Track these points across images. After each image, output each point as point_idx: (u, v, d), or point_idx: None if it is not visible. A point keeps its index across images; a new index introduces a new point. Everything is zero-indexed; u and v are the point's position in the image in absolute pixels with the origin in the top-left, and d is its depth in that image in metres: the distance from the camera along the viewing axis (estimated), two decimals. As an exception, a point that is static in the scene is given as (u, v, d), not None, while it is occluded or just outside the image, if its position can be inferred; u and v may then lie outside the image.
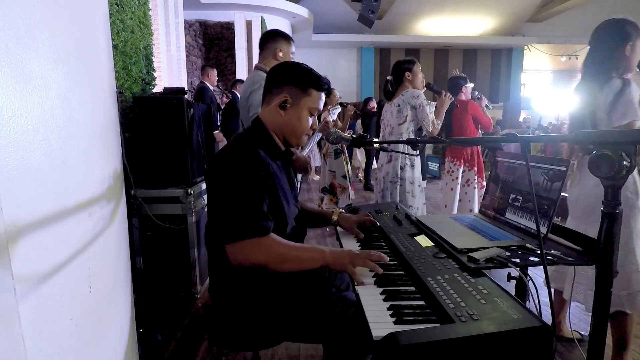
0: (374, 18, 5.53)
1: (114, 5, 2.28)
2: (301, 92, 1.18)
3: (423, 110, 2.39)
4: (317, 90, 1.20)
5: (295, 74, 1.19)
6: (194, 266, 2.37)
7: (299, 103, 1.18)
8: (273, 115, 1.19)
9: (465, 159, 3.30)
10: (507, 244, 1.09)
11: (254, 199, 1.05)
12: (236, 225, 1.03)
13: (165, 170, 2.32)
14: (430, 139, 2.28)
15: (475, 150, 3.30)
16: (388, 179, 2.51)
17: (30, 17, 0.79)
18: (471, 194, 3.30)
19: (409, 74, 2.50)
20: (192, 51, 6.54)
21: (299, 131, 1.21)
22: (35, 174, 0.80)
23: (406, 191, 2.47)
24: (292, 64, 1.23)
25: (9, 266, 0.71)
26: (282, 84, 1.18)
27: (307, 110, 1.20)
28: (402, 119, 2.47)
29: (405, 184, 2.47)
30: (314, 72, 1.20)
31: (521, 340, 0.69)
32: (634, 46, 1.58)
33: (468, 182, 3.30)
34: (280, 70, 1.22)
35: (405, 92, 2.47)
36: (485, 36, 12.16)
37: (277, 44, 2.10)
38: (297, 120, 1.19)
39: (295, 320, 1.11)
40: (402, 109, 2.47)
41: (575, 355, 1.83)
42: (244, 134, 1.20)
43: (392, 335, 0.69)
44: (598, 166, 0.64)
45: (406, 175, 2.47)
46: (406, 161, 2.48)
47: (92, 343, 1.02)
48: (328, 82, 1.23)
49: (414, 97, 2.42)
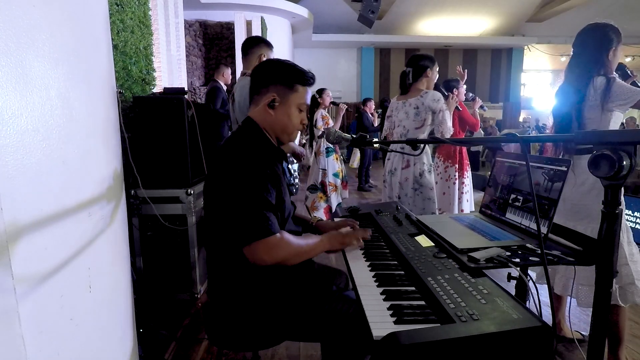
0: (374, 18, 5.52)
1: (114, 5, 2.28)
2: (288, 89, 1.18)
3: (443, 116, 2.26)
4: (303, 86, 1.20)
5: (280, 71, 1.19)
6: (194, 266, 2.37)
7: (287, 100, 1.19)
8: (263, 114, 1.19)
9: (447, 156, 3.37)
10: (507, 244, 1.09)
11: (265, 197, 1.06)
12: (253, 226, 1.03)
13: (165, 170, 2.32)
14: (430, 139, 2.26)
15: (457, 148, 3.35)
16: (409, 186, 2.37)
17: (30, 17, 0.79)
18: (452, 190, 3.34)
19: (430, 71, 2.34)
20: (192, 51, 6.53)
21: (290, 128, 1.22)
22: (35, 174, 0.80)
23: (427, 198, 2.34)
24: (275, 62, 1.23)
25: (9, 266, 0.71)
26: (268, 84, 1.18)
27: (296, 106, 1.20)
28: (420, 122, 2.32)
29: (425, 190, 2.34)
30: (298, 68, 1.21)
31: (521, 340, 0.69)
32: (615, 51, 1.65)
33: (449, 179, 3.36)
34: (265, 70, 1.21)
35: (425, 93, 2.31)
36: (485, 36, 12.18)
37: (260, 50, 2.27)
38: (287, 117, 1.20)
39: (295, 318, 1.11)
40: (420, 112, 2.31)
41: (576, 355, 1.83)
42: (239, 134, 1.20)
43: (393, 335, 0.69)
44: (598, 166, 0.64)
45: (425, 182, 2.34)
46: (424, 167, 2.34)
47: (92, 343, 1.02)
48: (313, 76, 1.23)
49: (434, 101, 2.27)
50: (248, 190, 1.05)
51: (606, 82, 1.59)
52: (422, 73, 2.34)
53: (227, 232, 1.09)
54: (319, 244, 1.15)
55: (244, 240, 1.03)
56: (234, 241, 1.06)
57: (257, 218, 1.03)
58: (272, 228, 1.04)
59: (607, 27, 1.65)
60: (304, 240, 1.14)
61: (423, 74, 2.34)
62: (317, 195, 4.07)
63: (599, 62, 1.64)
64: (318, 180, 4.07)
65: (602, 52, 1.63)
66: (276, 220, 1.08)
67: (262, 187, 1.06)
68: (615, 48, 1.64)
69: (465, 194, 3.40)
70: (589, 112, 1.64)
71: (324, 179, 4.06)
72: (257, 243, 1.03)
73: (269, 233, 1.03)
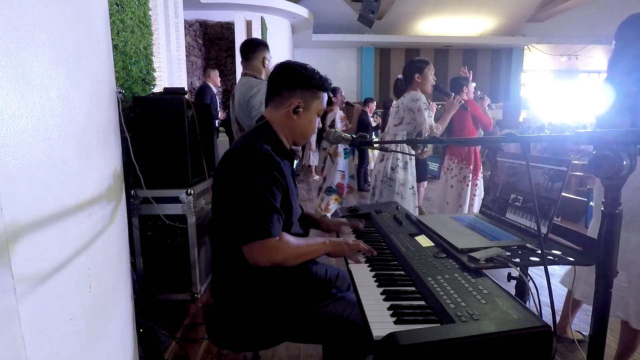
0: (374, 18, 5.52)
1: (114, 5, 2.28)
2: (312, 95, 1.19)
3: (420, 114, 2.36)
4: (323, 92, 1.22)
5: (306, 77, 1.18)
6: (193, 266, 2.37)
7: (310, 107, 1.20)
8: (284, 118, 1.19)
9: (462, 157, 3.33)
10: (508, 244, 1.09)
11: (270, 199, 1.06)
12: (253, 226, 1.03)
13: (165, 170, 2.32)
14: (430, 139, 2.26)
15: (473, 149, 3.32)
16: (379, 178, 2.51)
17: (30, 17, 0.79)
18: (465, 192, 3.32)
19: (419, 75, 2.45)
20: (192, 51, 6.53)
21: (309, 133, 1.24)
22: (35, 174, 0.80)
23: (395, 192, 2.45)
24: (299, 66, 1.20)
25: (9, 266, 0.71)
26: (294, 88, 1.17)
27: (317, 112, 1.22)
28: (399, 120, 2.47)
29: (395, 185, 2.44)
30: (321, 75, 1.21)
31: (522, 341, 0.69)
32: None
33: (464, 180, 3.33)
34: (290, 74, 1.19)
35: (407, 93, 2.46)
36: (485, 36, 12.17)
37: (262, 53, 2.34)
38: (309, 123, 1.21)
39: (296, 320, 1.11)
40: (399, 111, 2.48)
41: (576, 355, 1.83)
42: (252, 134, 1.19)
43: (393, 335, 0.69)
44: (598, 166, 0.64)
45: (397, 177, 2.44)
46: (397, 162, 2.45)
47: (92, 343, 1.02)
48: (331, 82, 1.25)
49: (412, 100, 2.40)
50: (253, 191, 1.04)
51: None
52: (411, 79, 2.48)
53: (230, 231, 1.10)
54: (321, 247, 1.13)
55: (243, 239, 1.03)
56: (234, 240, 1.06)
57: (258, 219, 1.03)
58: (271, 230, 1.03)
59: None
60: (305, 242, 1.13)
61: (412, 80, 2.47)
62: (333, 197, 4.00)
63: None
64: (335, 182, 3.98)
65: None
66: (279, 223, 1.07)
67: (267, 189, 1.05)
68: None
69: (477, 196, 3.36)
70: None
71: (341, 181, 4.00)
72: (254, 244, 1.02)
73: (268, 235, 1.02)
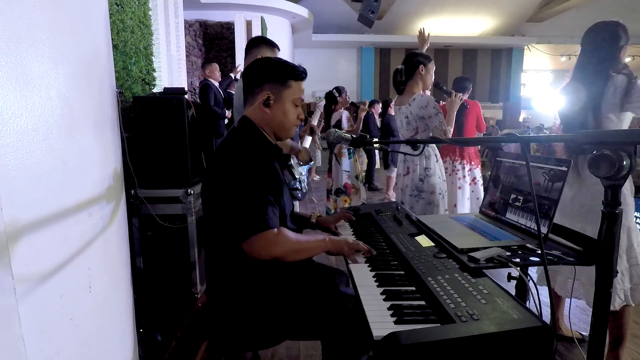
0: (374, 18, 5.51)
1: (114, 5, 2.28)
2: (281, 86, 1.18)
3: (433, 121, 2.19)
4: (295, 81, 1.21)
5: (270, 69, 1.19)
6: (194, 266, 2.37)
7: (281, 97, 1.19)
8: (259, 113, 1.20)
9: (471, 157, 3.35)
10: (508, 244, 1.09)
11: (264, 193, 1.06)
12: (249, 220, 1.03)
13: (165, 170, 2.32)
14: (430, 139, 2.24)
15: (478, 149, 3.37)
16: (407, 192, 2.34)
17: (30, 17, 0.79)
18: (478, 191, 3.33)
19: (423, 68, 2.25)
20: (192, 51, 6.53)
21: (287, 124, 1.23)
22: (35, 174, 0.80)
23: (427, 203, 2.29)
24: (264, 60, 1.23)
25: (9, 266, 0.71)
26: (261, 83, 1.19)
27: (291, 102, 1.21)
28: (413, 131, 2.28)
29: (426, 195, 2.28)
30: (288, 64, 1.21)
31: (522, 340, 0.69)
32: (624, 49, 1.60)
33: (474, 180, 3.34)
34: (255, 70, 1.21)
35: (413, 100, 2.24)
36: (485, 36, 12.16)
37: (259, 51, 2.20)
38: (283, 114, 1.20)
39: (295, 316, 1.11)
40: (410, 122, 2.27)
41: (576, 355, 1.83)
42: (235, 133, 1.20)
43: (393, 335, 0.69)
44: (598, 166, 0.64)
45: (424, 187, 2.28)
46: (423, 172, 2.29)
47: (92, 343, 1.02)
48: (304, 70, 1.23)
49: (422, 108, 2.20)
50: (245, 187, 1.05)
51: (627, 81, 1.52)
52: (414, 70, 2.25)
53: (225, 230, 1.10)
54: (321, 244, 1.14)
55: (242, 234, 1.04)
56: (232, 238, 1.06)
57: (254, 213, 1.03)
58: (269, 222, 1.04)
59: (617, 24, 1.60)
60: (304, 238, 1.14)
61: (416, 71, 2.25)
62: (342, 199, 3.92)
63: (615, 59, 1.57)
64: (342, 182, 3.91)
65: (614, 49, 1.58)
66: (274, 215, 1.08)
67: (257, 183, 1.06)
68: (624, 46, 1.59)
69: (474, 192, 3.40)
70: (606, 110, 1.57)
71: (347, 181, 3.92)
72: (254, 237, 1.03)
73: (265, 227, 1.03)
